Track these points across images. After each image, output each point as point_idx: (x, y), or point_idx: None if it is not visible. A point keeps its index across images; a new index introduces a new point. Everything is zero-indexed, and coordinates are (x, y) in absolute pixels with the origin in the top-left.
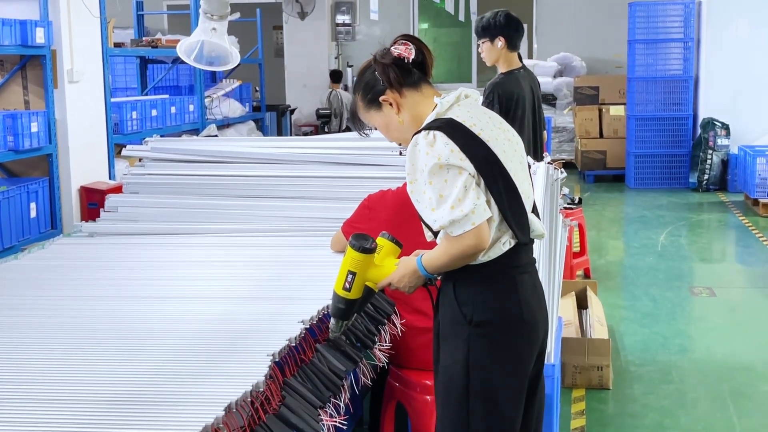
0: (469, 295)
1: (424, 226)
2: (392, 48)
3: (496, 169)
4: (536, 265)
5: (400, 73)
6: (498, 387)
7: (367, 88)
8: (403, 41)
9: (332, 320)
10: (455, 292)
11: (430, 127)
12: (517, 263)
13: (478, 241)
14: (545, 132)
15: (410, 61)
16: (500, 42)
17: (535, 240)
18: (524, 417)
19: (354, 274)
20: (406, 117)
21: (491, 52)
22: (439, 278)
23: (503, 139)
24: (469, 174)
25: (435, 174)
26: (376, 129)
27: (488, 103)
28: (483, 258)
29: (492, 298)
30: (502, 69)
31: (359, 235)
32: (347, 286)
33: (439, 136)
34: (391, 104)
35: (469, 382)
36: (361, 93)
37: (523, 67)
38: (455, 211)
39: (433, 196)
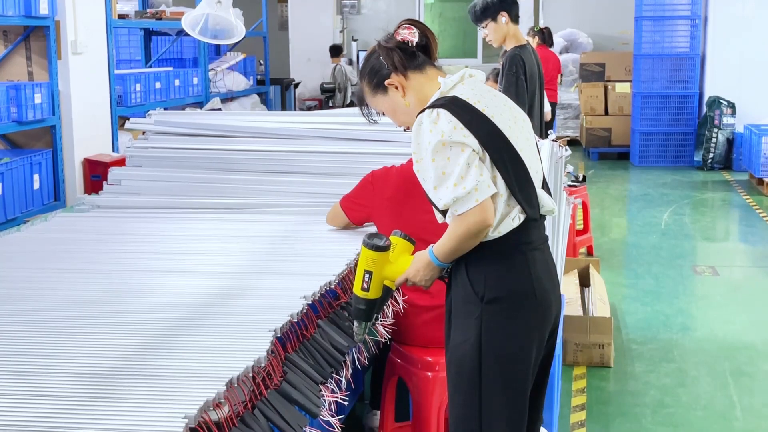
0: (481, 273)
1: (434, 209)
2: (396, 32)
3: (502, 144)
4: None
5: (404, 56)
6: (510, 364)
7: (372, 72)
8: (407, 25)
9: (355, 323)
10: (467, 270)
11: (434, 105)
12: (528, 239)
13: (482, 217)
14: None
15: (414, 44)
16: (504, 17)
17: (546, 216)
18: (535, 395)
19: (370, 273)
20: (411, 99)
21: (498, 31)
22: (450, 267)
23: (509, 117)
24: (473, 150)
25: (438, 152)
26: (383, 114)
27: (512, 74)
28: (494, 234)
29: (503, 275)
30: (511, 45)
31: (372, 234)
32: (365, 286)
33: (443, 113)
34: (396, 87)
35: (481, 360)
36: (367, 78)
37: (528, 43)
38: (458, 189)
39: (435, 175)
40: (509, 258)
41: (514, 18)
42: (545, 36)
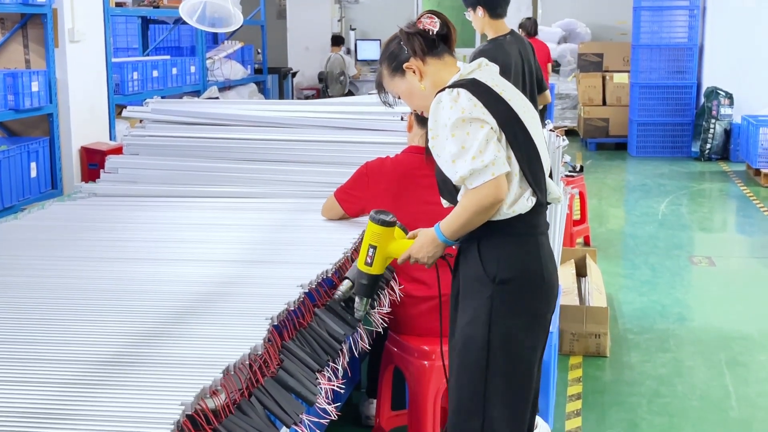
0: (494, 254)
1: (440, 191)
2: (418, 21)
3: (517, 127)
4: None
5: (425, 42)
6: (518, 343)
7: (392, 56)
8: (429, 15)
9: (357, 298)
10: (479, 251)
11: (454, 85)
12: (536, 224)
13: (496, 192)
14: (547, 93)
15: (435, 33)
16: (480, 11)
17: (550, 204)
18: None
19: (375, 248)
20: (428, 84)
21: (475, 20)
22: (456, 245)
23: (523, 104)
24: (491, 128)
25: (458, 127)
26: (399, 98)
27: None
28: (508, 212)
29: (515, 257)
30: (489, 36)
31: (379, 210)
32: (368, 260)
33: (463, 92)
34: (414, 71)
35: (489, 339)
36: (387, 62)
37: (511, 32)
38: (476, 162)
39: (454, 149)
40: (521, 240)
41: (494, 15)
42: (530, 26)
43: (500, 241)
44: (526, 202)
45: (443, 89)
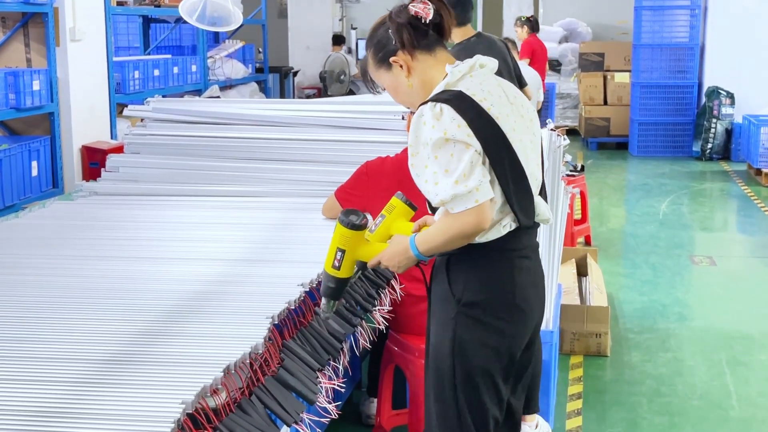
0: (461, 274)
1: (427, 202)
2: (409, 6)
3: (503, 149)
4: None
5: (415, 34)
6: (477, 366)
7: (378, 46)
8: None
9: (323, 300)
10: (448, 270)
11: (437, 98)
12: (516, 246)
13: (479, 219)
14: (538, 90)
15: (427, 21)
16: None
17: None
18: (514, 388)
19: (343, 251)
20: (415, 81)
21: None
22: (431, 258)
23: (515, 116)
24: (476, 151)
25: (440, 148)
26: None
27: None
28: (480, 239)
29: (484, 280)
30: (456, 41)
31: (349, 210)
32: (336, 264)
33: (447, 109)
34: (401, 66)
35: (454, 363)
36: (373, 50)
37: (478, 35)
38: (459, 186)
39: (438, 170)
40: (494, 264)
41: (458, 23)
42: (533, 24)
43: (470, 263)
44: (501, 230)
45: (426, 102)
